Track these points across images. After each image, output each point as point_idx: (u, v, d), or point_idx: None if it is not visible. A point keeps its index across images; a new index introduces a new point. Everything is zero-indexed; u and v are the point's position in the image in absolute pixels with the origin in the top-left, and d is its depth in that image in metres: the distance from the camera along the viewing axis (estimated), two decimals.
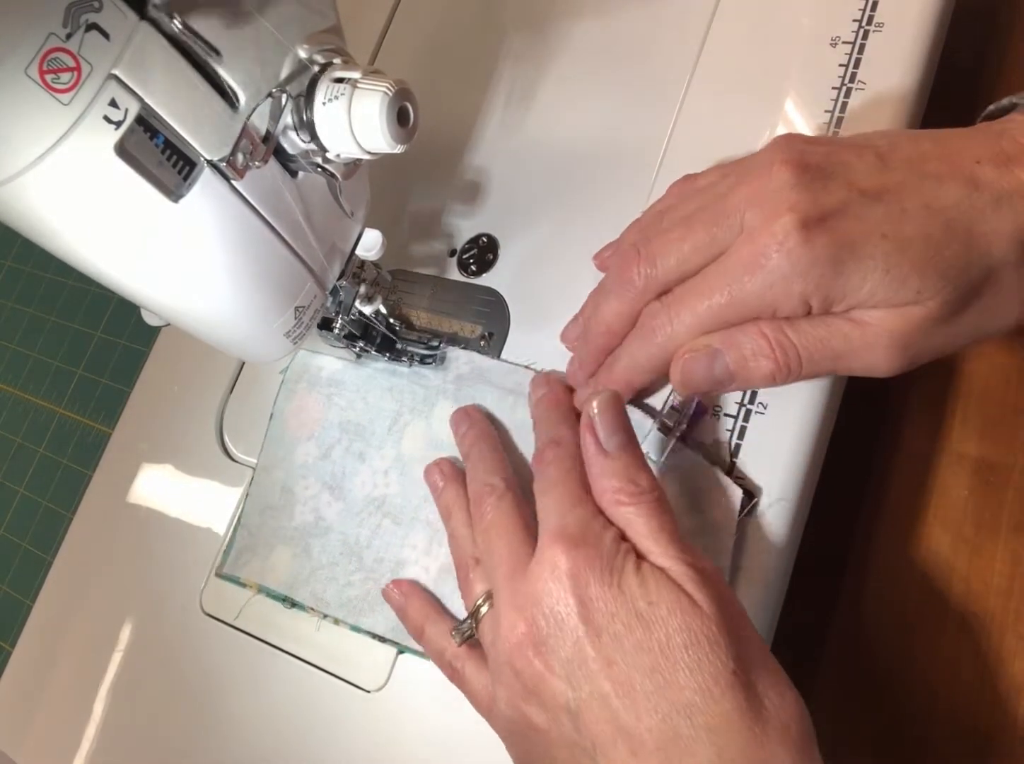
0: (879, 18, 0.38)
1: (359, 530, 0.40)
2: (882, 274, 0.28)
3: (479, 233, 0.43)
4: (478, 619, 0.32)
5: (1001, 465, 0.39)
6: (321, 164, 0.30)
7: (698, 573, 0.28)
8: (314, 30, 0.29)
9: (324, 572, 0.40)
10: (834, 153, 0.30)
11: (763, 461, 0.34)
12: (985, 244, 0.28)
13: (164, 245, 0.28)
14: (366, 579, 0.39)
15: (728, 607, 0.27)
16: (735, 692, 0.25)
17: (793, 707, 0.26)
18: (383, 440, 0.41)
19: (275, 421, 0.43)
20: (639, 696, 0.26)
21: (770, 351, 0.30)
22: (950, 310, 0.29)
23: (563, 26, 0.45)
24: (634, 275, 0.32)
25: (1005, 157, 0.29)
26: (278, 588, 0.40)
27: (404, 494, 0.39)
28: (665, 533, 0.29)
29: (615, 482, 0.29)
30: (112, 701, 0.43)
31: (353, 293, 0.37)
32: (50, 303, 0.75)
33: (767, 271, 0.28)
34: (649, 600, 0.27)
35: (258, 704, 0.40)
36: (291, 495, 0.42)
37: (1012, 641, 0.36)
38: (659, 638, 0.26)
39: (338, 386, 0.42)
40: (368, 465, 0.41)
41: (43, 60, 0.22)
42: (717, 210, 0.30)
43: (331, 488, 0.41)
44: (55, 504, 0.66)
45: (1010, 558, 0.37)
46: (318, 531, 0.41)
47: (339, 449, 0.41)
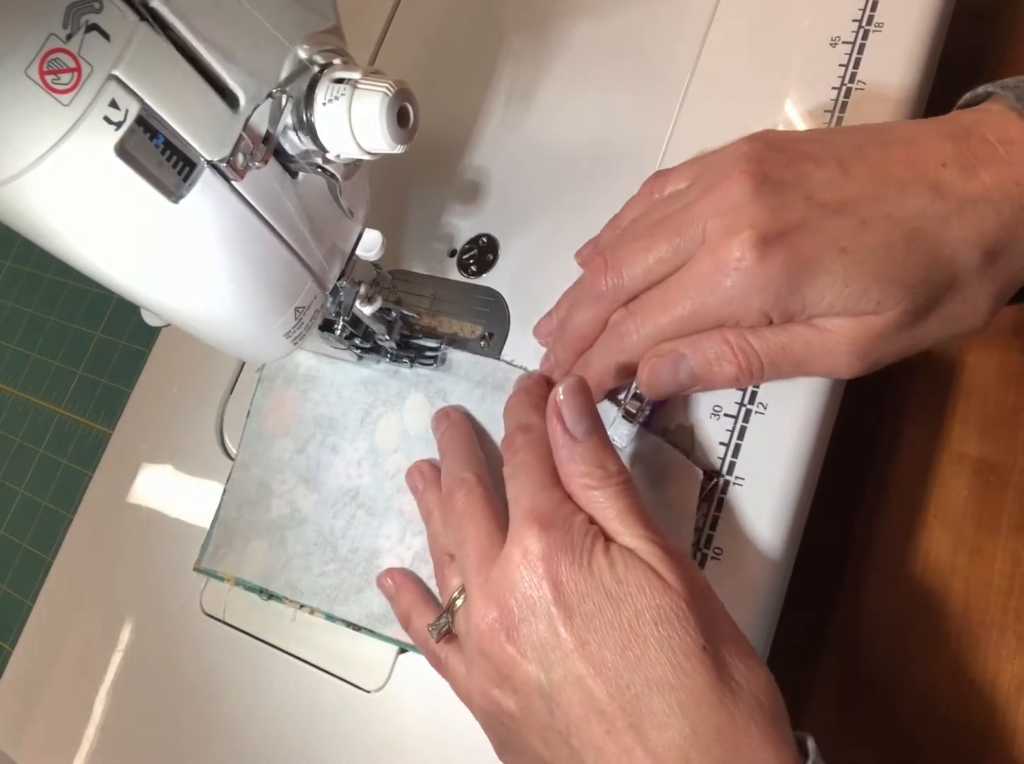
0: (879, 18, 0.38)
1: (334, 521, 0.40)
2: (840, 288, 0.28)
3: (479, 233, 0.43)
4: (453, 612, 0.32)
5: (1001, 465, 0.39)
6: (321, 164, 0.30)
7: (665, 552, 0.28)
8: (314, 30, 0.29)
9: (299, 562, 0.40)
10: (796, 162, 0.30)
11: (763, 461, 0.34)
12: (949, 252, 0.28)
13: (164, 245, 0.28)
14: (340, 569, 0.39)
15: (696, 584, 0.28)
16: (706, 667, 0.26)
17: (764, 682, 0.26)
18: (356, 432, 0.41)
19: (252, 418, 0.44)
20: (611, 674, 0.26)
21: (733, 356, 0.31)
22: (911, 318, 0.29)
23: (563, 26, 0.45)
24: (602, 285, 0.33)
25: (972, 158, 0.29)
26: (254, 579, 0.41)
27: (377, 485, 0.40)
28: (632, 515, 0.29)
29: (583, 466, 0.30)
30: (112, 701, 0.43)
31: (353, 293, 0.37)
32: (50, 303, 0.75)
33: (726, 288, 0.29)
34: (618, 579, 0.27)
35: (258, 704, 0.40)
36: (268, 490, 0.42)
37: (1012, 641, 0.36)
38: (629, 616, 0.27)
39: (314, 382, 0.43)
40: (342, 457, 0.41)
41: (43, 61, 0.22)
42: (680, 221, 0.31)
43: (306, 481, 0.42)
44: (55, 504, 0.66)
45: (1010, 558, 0.37)
46: (293, 523, 0.41)
47: (314, 443, 0.42)
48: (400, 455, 0.40)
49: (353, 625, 0.38)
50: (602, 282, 0.33)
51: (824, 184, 0.29)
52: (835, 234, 0.29)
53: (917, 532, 0.39)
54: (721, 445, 0.35)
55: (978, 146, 0.29)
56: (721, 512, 0.34)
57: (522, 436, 0.33)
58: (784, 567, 0.33)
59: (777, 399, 0.34)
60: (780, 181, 0.29)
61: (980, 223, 0.28)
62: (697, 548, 0.34)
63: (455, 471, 0.35)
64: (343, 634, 0.39)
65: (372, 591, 0.38)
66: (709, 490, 0.34)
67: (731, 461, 0.34)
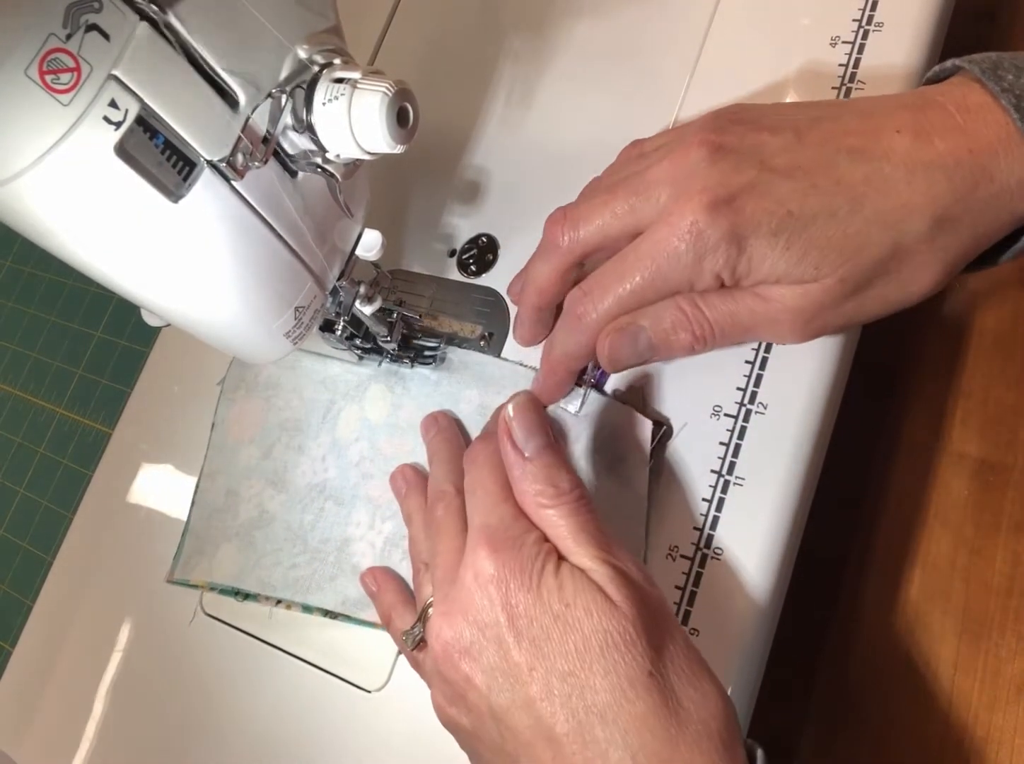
0: (879, 18, 0.38)
1: (303, 516, 0.41)
2: (782, 251, 0.29)
3: (479, 233, 0.43)
4: (426, 620, 0.32)
5: (1001, 465, 0.39)
6: (321, 164, 0.30)
7: (618, 573, 0.28)
8: (314, 30, 0.29)
9: (269, 559, 0.41)
10: (751, 132, 0.30)
11: (763, 461, 0.34)
12: (894, 219, 0.28)
13: (164, 245, 0.28)
14: (312, 560, 0.40)
15: (647, 606, 0.27)
16: (651, 693, 0.25)
17: (714, 704, 0.26)
18: (318, 429, 0.42)
19: (217, 430, 0.44)
20: (557, 700, 0.26)
21: (688, 324, 0.32)
22: (851, 287, 0.29)
23: (563, 26, 0.45)
24: (559, 238, 0.33)
25: (928, 126, 0.29)
26: (226, 581, 0.41)
27: (343, 475, 0.41)
28: (585, 533, 0.29)
29: (536, 485, 0.30)
30: (112, 701, 0.43)
31: (353, 293, 0.37)
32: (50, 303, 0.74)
33: (680, 253, 0.30)
34: (566, 602, 0.27)
35: (258, 704, 0.40)
36: (236, 496, 0.43)
37: (1012, 641, 0.36)
38: (576, 641, 0.26)
39: (275, 388, 0.44)
40: (307, 456, 0.42)
41: (43, 61, 0.22)
42: (639, 181, 0.32)
43: (273, 483, 0.42)
44: (55, 504, 0.66)
45: (1010, 558, 0.37)
46: (261, 523, 0.42)
47: (279, 446, 0.43)
48: (363, 443, 0.41)
49: (330, 613, 0.39)
50: (559, 234, 0.33)
51: (778, 150, 0.30)
52: (783, 197, 0.29)
53: (917, 532, 0.39)
54: (721, 445, 0.35)
55: (935, 115, 0.29)
56: (721, 512, 0.34)
57: (480, 444, 0.33)
58: (784, 567, 0.33)
59: (777, 399, 0.34)
60: (735, 148, 0.30)
61: (930, 189, 0.28)
62: (697, 548, 0.34)
63: (439, 482, 0.35)
64: (343, 634, 0.39)
65: (346, 578, 0.39)
66: (659, 439, 0.35)
67: (731, 461, 0.34)
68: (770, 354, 0.35)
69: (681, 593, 0.33)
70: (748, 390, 0.35)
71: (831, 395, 0.34)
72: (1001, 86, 0.28)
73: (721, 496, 0.34)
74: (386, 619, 0.36)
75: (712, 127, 0.31)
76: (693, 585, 0.33)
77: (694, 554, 0.34)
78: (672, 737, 0.25)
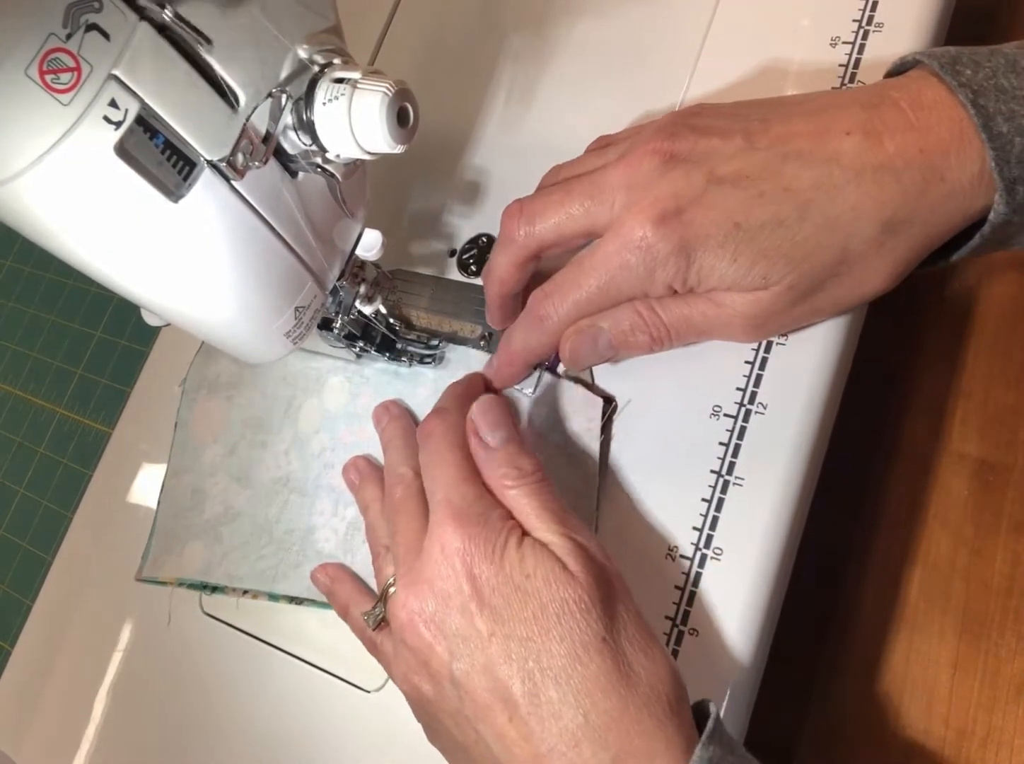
0: (879, 18, 0.38)
1: (268, 510, 0.41)
2: (730, 262, 0.30)
3: (479, 233, 0.43)
4: (387, 600, 0.33)
5: (1001, 465, 0.39)
6: (321, 164, 0.30)
7: (577, 547, 0.29)
8: (314, 30, 0.29)
9: (236, 553, 0.41)
10: (703, 139, 0.31)
11: (763, 461, 0.34)
12: (843, 224, 0.29)
13: (164, 245, 0.28)
14: (277, 550, 0.40)
15: (602, 577, 0.29)
16: (603, 657, 0.27)
17: (663, 670, 0.28)
18: (281, 424, 0.43)
19: (180, 430, 0.45)
20: (515, 664, 0.28)
21: (645, 327, 0.33)
22: (800, 293, 0.30)
23: (563, 26, 0.45)
24: (515, 231, 0.34)
25: (880, 125, 0.29)
26: (193, 576, 0.42)
27: (305, 467, 0.42)
28: (547, 511, 0.31)
29: (501, 469, 0.32)
30: (112, 701, 0.43)
31: (353, 293, 0.37)
32: (50, 303, 0.74)
33: (632, 265, 0.31)
34: (526, 573, 0.29)
35: (258, 704, 0.40)
36: (201, 494, 0.43)
37: (1012, 641, 0.36)
38: (534, 608, 0.28)
39: (237, 387, 0.44)
40: (270, 451, 0.43)
41: (43, 60, 0.22)
42: (594, 184, 0.32)
43: (238, 479, 0.43)
44: (55, 504, 0.66)
45: (1010, 558, 0.37)
46: (227, 519, 0.42)
47: (243, 444, 0.43)
48: (324, 434, 0.42)
49: (295, 600, 0.39)
50: (515, 228, 0.34)
51: (727, 158, 0.30)
52: (731, 208, 0.29)
53: (917, 532, 0.39)
54: (721, 445, 0.35)
55: (888, 113, 0.29)
56: (721, 512, 0.34)
57: (435, 420, 0.34)
58: (784, 567, 0.33)
59: (777, 399, 0.34)
60: (685, 157, 0.30)
61: (879, 193, 0.28)
62: (697, 548, 0.34)
63: (395, 466, 0.36)
64: (343, 634, 0.39)
65: (310, 565, 0.39)
66: (609, 414, 0.37)
67: (731, 461, 0.34)
68: (770, 354, 0.35)
69: (681, 593, 0.33)
70: (748, 390, 0.35)
71: (831, 395, 0.34)
72: (959, 80, 0.28)
73: (721, 496, 0.34)
74: (343, 610, 0.37)
75: (666, 133, 0.31)
76: (693, 585, 0.33)
77: (694, 554, 0.34)
78: (623, 697, 0.27)
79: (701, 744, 0.26)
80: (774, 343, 0.35)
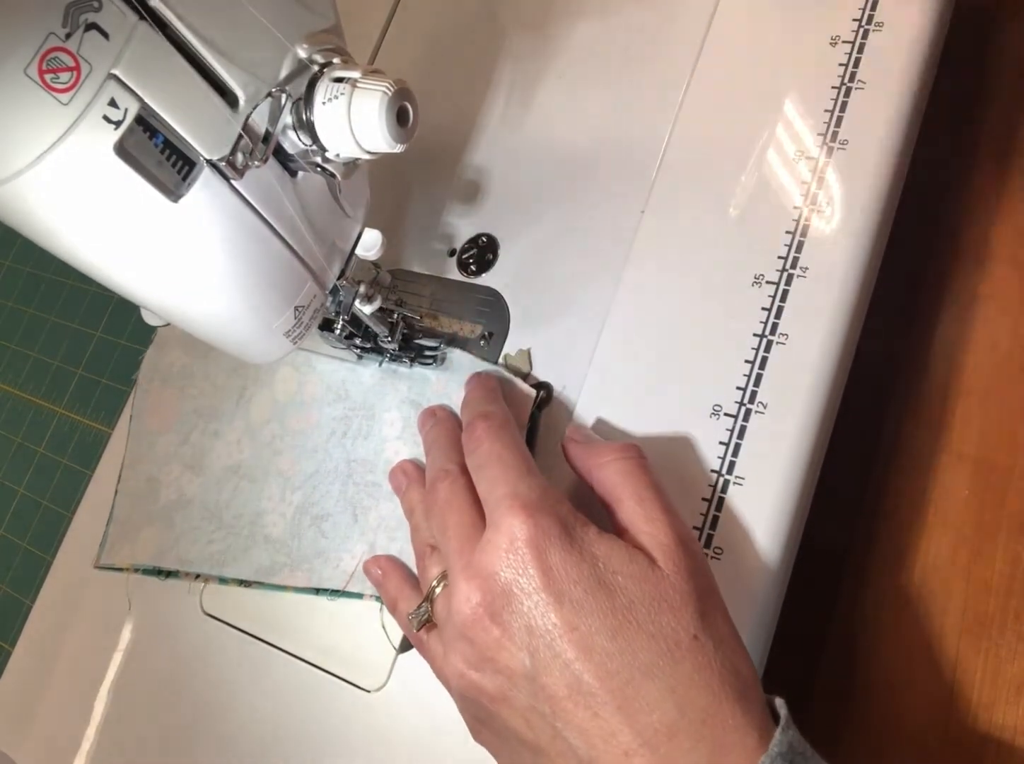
0: (879, 18, 0.38)
1: (218, 496, 0.42)
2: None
3: (479, 233, 0.43)
4: (433, 600, 0.32)
5: (1001, 465, 0.39)
6: (321, 164, 0.30)
7: (669, 538, 0.29)
8: (314, 30, 0.29)
9: (187, 537, 0.42)
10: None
11: (763, 461, 0.34)
12: None
13: (164, 245, 0.28)
14: (227, 535, 0.41)
15: (695, 572, 0.29)
16: (695, 655, 0.27)
17: (747, 666, 0.28)
18: (232, 414, 0.44)
19: (135, 420, 0.46)
20: (600, 659, 0.27)
21: None
22: None
23: (563, 26, 0.45)
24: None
25: None
26: (147, 562, 0.43)
27: (256, 454, 0.43)
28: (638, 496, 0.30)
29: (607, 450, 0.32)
30: (112, 701, 0.43)
31: (353, 293, 0.37)
32: (50, 303, 0.75)
33: None
34: (612, 569, 0.28)
35: (258, 704, 0.40)
36: (156, 482, 0.44)
37: (1012, 641, 0.36)
38: (623, 604, 0.27)
39: (190, 378, 0.45)
40: (222, 440, 0.44)
41: (42, 60, 0.22)
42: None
43: (191, 467, 0.44)
44: (55, 504, 0.66)
45: (1010, 558, 0.37)
46: (180, 505, 0.43)
47: (196, 432, 0.44)
48: (274, 424, 0.43)
49: (244, 582, 0.40)
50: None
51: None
52: None
53: (917, 532, 0.39)
54: (721, 445, 0.35)
55: None
56: (721, 512, 0.34)
57: (483, 424, 0.33)
58: (784, 567, 0.33)
59: (777, 399, 0.34)
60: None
61: None
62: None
63: (439, 463, 0.35)
64: (343, 634, 0.39)
65: (259, 549, 0.41)
66: (541, 400, 0.38)
67: (731, 461, 0.34)
68: (770, 354, 0.35)
69: None
70: (748, 390, 0.35)
71: (831, 395, 0.34)
72: None
73: (721, 496, 0.34)
74: (392, 604, 0.37)
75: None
76: None
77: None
78: (715, 693, 0.26)
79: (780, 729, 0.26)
80: (774, 343, 0.35)
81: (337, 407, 0.42)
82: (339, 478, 0.40)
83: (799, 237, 0.36)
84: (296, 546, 0.40)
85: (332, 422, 0.41)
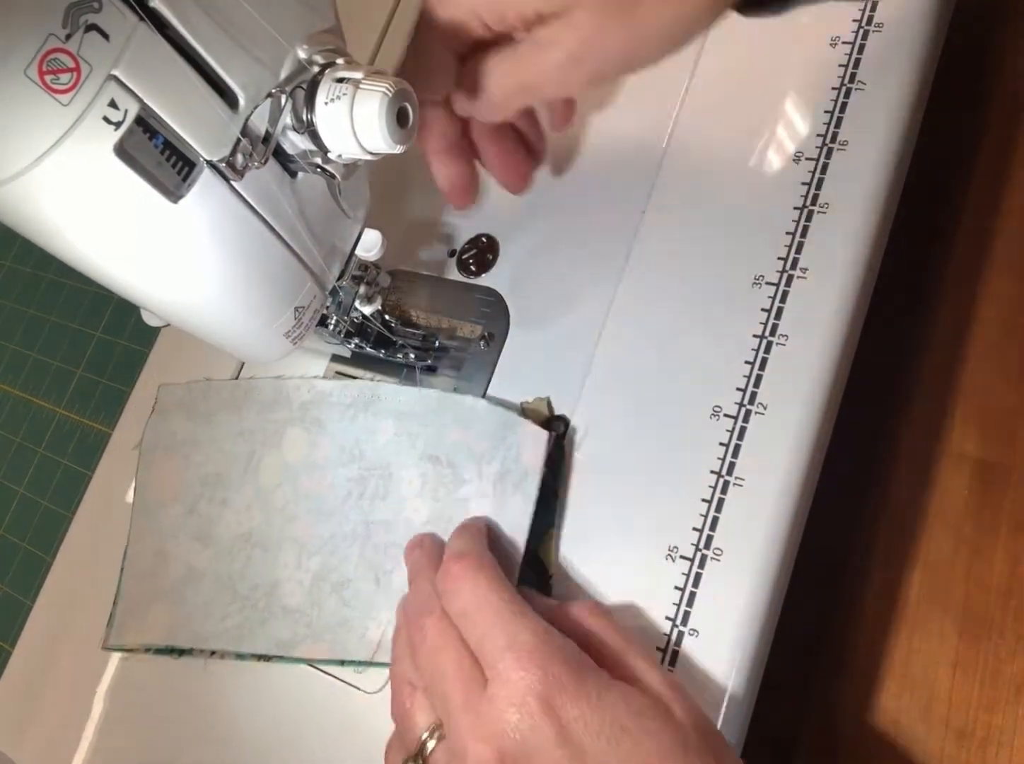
0: (879, 18, 0.38)
1: (231, 566, 0.41)
2: None
3: (479, 233, 0.43)
4: (426, 758, 0.30)
5: (1001, 465, 0.39)
6: (321, 164, 0.30)
7: (672, 684, 0.29)
8: (314, 30, 0.29)
9: (200, 612, 0.40)
10: None
11: (763, 461, 0.34)
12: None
13: (163, 245, 0.28)
14: (242, 608, 0.40)
15: (701, 715, 0.28)
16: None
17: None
18: (241, 481, 0.42)
19: (139, 493, 0.44)
20: None
21: None
22: None
23: None
24: None
25: None
26: (158, 641, 0.41)
27: (268, 521, 0.41)
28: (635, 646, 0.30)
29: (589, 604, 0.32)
30: (112, 701, 0.43)
31: (353, 293, 0.37)
32: (50, 303, 0.75)
33: None
34: (635, 712, 0.27)
35: (258, 705, 0.40)
36: (164, 556, 0.42)
37: (1012, 641, 0.36)
38: (649, 749, 0.26)
39: (193, 445, 0.44)
40: (231, 508, 0.42)
41: (42, 61, 0.22)
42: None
43: (199, 538, 0.42)
44: (55, 504, 0.66)
45: (1010, 558, 0.37)
46: (191, 579, 0.41)
47: (203, 501, 0.42)
48: (286, 487, 0.41)
49: (263, 657, 0.39)
50: None
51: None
52: None
53: (917, 532, 0.39)
54: (721, 445, 0.35)
55: None
56: (721, 512, 0.34)
57: (457, 565, 0.31)
58: (784, 568, 0.33)
59: (777, 399, 0.34)
60: None
61: None
62: (697, 548, 0.34)
63: (426, 596, 0.33)
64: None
65: (277, 620, 0.39)
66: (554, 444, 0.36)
67: (731, 461, 0.34)
68: (770, 354, 0.35)
69: (681, 594, 0.33)
70: (748, 390, 0.35)
71: (831, 395, 0.34)
72: None
73: (721, 496, 0.34)
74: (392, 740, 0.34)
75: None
76: (693, 586, 0.33)
77: (694, 555, 0.34)
78: None
79: None
80: (774, 343, 0.35)
81: (352, 468, 0.40)
82: (357, 541, 0.39)
83: (799, 238, 0.36)
84: (316, 616, 0.38)
85: (348, 483, 0.40)
